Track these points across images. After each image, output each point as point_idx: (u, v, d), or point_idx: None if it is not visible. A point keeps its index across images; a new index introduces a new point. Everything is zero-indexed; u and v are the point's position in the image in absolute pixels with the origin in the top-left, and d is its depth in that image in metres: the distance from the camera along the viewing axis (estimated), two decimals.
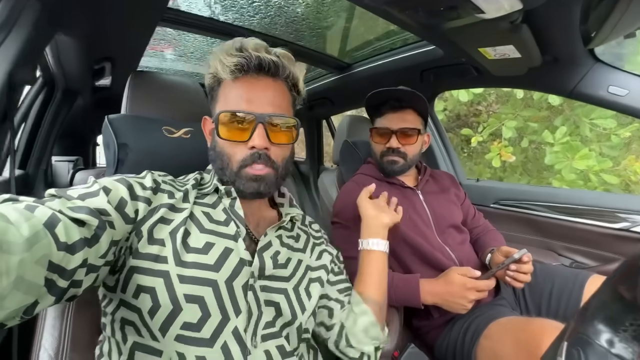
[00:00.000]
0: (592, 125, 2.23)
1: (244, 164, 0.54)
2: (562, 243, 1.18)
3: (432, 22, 0.74)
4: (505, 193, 1.34)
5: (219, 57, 0.53)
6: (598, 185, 2.23)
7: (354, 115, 1.45)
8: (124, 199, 0.46)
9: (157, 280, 0.46)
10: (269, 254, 0.57)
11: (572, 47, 0.86)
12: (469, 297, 0.78)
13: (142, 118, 0.74)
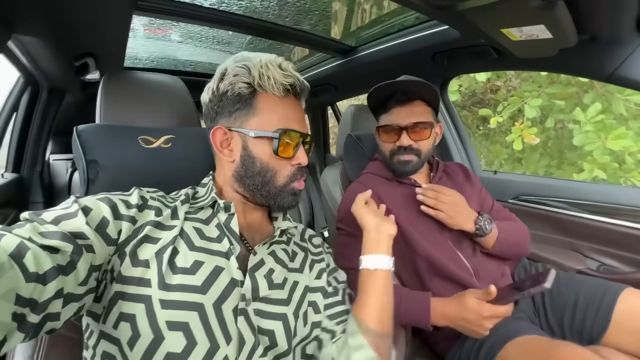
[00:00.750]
0: (626, 102, 2.02)
1: (292, 179, 0.57)
2: (589, 244, 1.07)
3: (449, 2, 0.61)
4: (526, 187, 1.22)
5: (267, 70, 0.53)
6: (633, 168, 2.04)
7: (359, 104, 1.33)
8: (106, 219, 0.44)
9: (138, 306, 0.43)
10: (262, 272, 0.53)
11: (615, 25, 0.72)
12: (486, 326, 0.68)
13: (115, 127, 0.66)
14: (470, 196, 0.96)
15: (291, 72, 0.55)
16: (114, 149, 0.63)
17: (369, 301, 0.58)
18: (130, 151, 0.64)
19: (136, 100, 0.74)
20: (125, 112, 0.72)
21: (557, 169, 2.74)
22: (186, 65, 1.55)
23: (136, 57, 1.40)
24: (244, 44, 1.37)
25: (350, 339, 0.56)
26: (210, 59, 1.53)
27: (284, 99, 0.56)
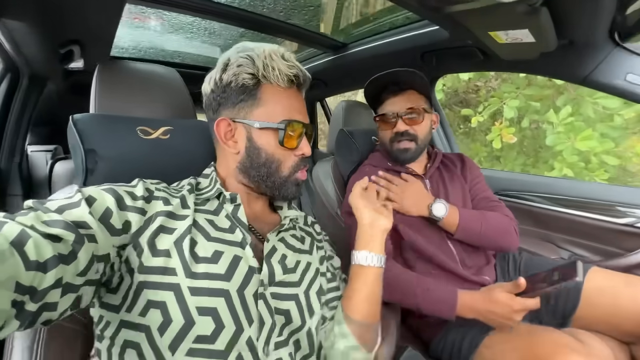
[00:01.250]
0: (594, 105, 2.16)
1: (296, 169, 0.58)
2: (562, 235, 1.16)
3: (441, 3, 0.64)
4: (507, 183, 1.30)
5: (272, 61, 0.54)
6: (597, 167, 2.19)
7: (350, 100, 1.36)
8: (110, 210, 0.44)
9: (167, 294, 0.44)
10: (276, 259, 0.55)
11: (591, 32, 0.78)
12: (516, 319, 0.70)
13: (112, 117, 0.65)
14: (458, 184, 1.01)
15: (294, 62, 0.56)
16: (112, 139, 0.62)
17: (356, 296, 0.59)
18: (129, 141, 0.64)
19: (131, 90, 0.73)
20: (121, 102, 0.71)
21: (532, 167, 2.89)
22: (174, 56, 1.52)
23: (122, 47, 1.35)
24: (234, 36, 1.36)
25: (336, 326, 0.59)
26: (199, 50, 1.51)
27: (287, 90, 0.57)
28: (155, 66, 0.79)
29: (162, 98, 0.76)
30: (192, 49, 1.49)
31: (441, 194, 0.97)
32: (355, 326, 0.58)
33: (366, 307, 0.59)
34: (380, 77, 0.95)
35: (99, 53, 1.09)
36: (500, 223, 0.91)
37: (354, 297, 0.59)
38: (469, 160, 1.08)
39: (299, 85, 0.59)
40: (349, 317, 0.58)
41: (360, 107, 1.37)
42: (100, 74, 0.70)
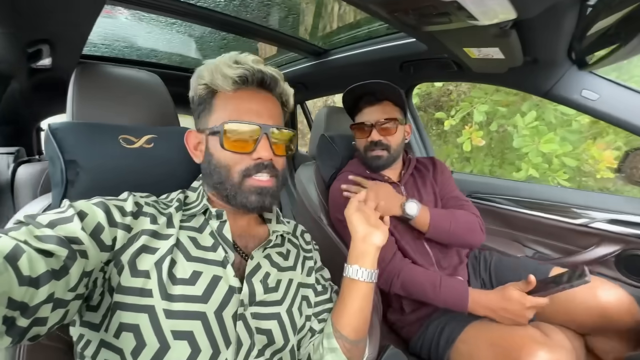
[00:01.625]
0: (555, 111, 2.34)
1: (247, 173, 0.53)
2: (527, 235, 1.26)
3: (420, 23, 0.68)
4: (478, 186, 1.38)
5: (217, 68, 0.53)
6: (558, 168, 2.38)
7: (332, 106, 1.39)
8: (101, 225, 0.43)
9: (141, 316, 0.43)
10: (258, 277, 0.54)
11: (553, 52, 0.85)
12: (527, 316, 0.75)
13: (93, 126, 0.63)
14: (430, 186, 1.07)
15: (248, 64, 0.53)
16: (94, 149, 0.60)
17: (347, 310, 0.60)
18: (111, 151, 0.62)
19: (112, 96, 0.70)
20: (100, 109, 0.68)
21: (499, 168, 3.07)
22: (150, 55, 1.47)
23: (94, 45, 1.29)
24: (216, 39, 1.34)
25: (325, 340, 0.60)
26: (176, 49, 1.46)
27: (238, 92, 0.54)
28: (137, 71, 0.77)
29: (144, 104, 0.75)
30: (169, 48, 1.45)
31: (414, 195, 1.03)
32: (345, 342, 0.58)
33: (355, 322, 0.59)
34: (356, 87, 1.00)
35: (70, 53, 1.04)
36: (467, 221, 0.97)
37: (344, 312, 0.60)
38: (439, 163, 1.14)
39: (259, 85, 0.55)
40: (338, 332, 0.59)
41: (342, 113, 1.39)
42: (78, 78, 0.67)
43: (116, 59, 1.38)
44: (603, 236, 1.07)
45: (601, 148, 2.31)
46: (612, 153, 2.25)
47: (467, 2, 0.51)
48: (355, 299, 0.60)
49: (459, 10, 0.55)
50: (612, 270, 1.08)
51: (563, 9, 0.61)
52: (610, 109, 0.93)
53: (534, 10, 0.54)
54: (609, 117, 0.94)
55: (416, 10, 0.59)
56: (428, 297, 0.86)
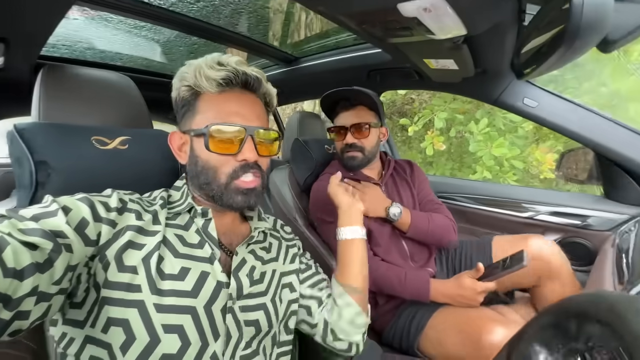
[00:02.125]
0: (504, 119, 2.59)
1: (234, 176, 0.54)
2: (483, 229, 1.38)
3: (385, 35, 0.75)
4: (441, 186, 1.50)
5: (201, 70, 0.53)
6: (508, 170, 2.62)
7: (304, 111, 1.43)
8: (86, 220, 0.43)
9: (130, 311, 0.43)
10: (244, 272, 0.56)
11: (499, 64, 0.97)
12: (479, 300, 0.85)
13: (64, 127, 0.62)
14: (407, 187, 1.16)
15: (231, 65, 0.54)
16: (66, 150, 0.59)
17: (351, 266, 0.67)
18: (84, 152, 0.61)
19: (82, 98, 0.69)
20: (69, 111, 0.67)
21: (458, 171, 3.31)
22: (115, 58, 1.42)
23: (53, 45, 1.22)
24: (187, 44, 1.33)
25: (338, 299, 0.65)
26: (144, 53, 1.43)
27: (222, 94, 0.54)
28: (107, 73, 0.76)
29: (115, 107, 0.73)
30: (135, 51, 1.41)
31: (395, 197, 1.10)
32: (356, 293, 0.65)
33: (361, 275, 0.67)
34: (332, 93, 1.06)
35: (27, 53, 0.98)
36: (443, 223, 1.07)
37: (350, 269, 0.67)
38: (416, 167, 1.23)
39: (244, 86, 0.56)
40: (350, 286, 0.65)
41: (314, 118, 1.45)
42: (45, 79, 0.65)
43: (77, 61, 1.32)
44: (546, 227, 1.21)
45: (543, 152, 2.58)
46: (552, 156, 2.53)
47: (425, 18, 0.58)
48: (357, 252, 0.68)
49: (418, 25, 0.62)
50: None
51: (504, 28, 0.71)
52: (547, 115, 1.08)
53: (480, 28, 0.63)
54: (547, 122, 1.08)
55: (382, 24, 0.66)
56: (396, 290, 0.94)
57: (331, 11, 0.69)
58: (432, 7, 0.53)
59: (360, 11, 0.63)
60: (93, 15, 1.03)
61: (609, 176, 1.10)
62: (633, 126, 1.01)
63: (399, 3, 0.54)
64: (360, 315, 0.64)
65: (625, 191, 1.08)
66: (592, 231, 1.13)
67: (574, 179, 1.25)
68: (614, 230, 1.07)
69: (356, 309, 0.64)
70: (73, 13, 1.04)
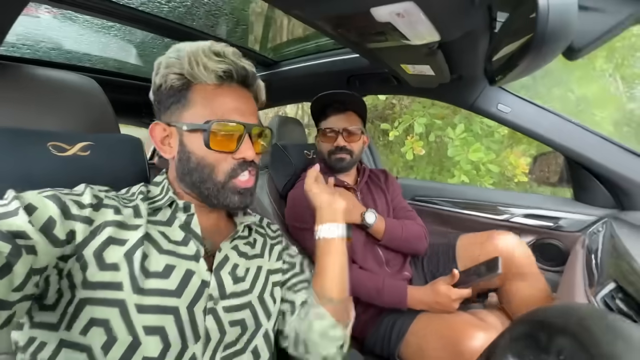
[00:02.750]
0: (481, 124, 2.67)
1: (233, 174, 0.52)
2: (461, 232, 1.40)
3: (361, 40, 0.75)
4: (420, 190, 1.51)
5: (198, 58, 0.50)
6: (485, 174, 2.69)
7: (284, 116, 1.42)
8: (53, 219, 0.40)
9: (111, 310, 0.41)
10: (227, 270, 0.54)
11: (473, 71, 0.99)
12: (454, 307, 0.86)
13: (16, 132, 0.57)
14: (382, 195, 1.16)
15: (230, 58, 0.52)
16: (16, 157, 0.54)
17: (328, 272, 0.61)
18: (38, 159, 0.56)
19: (37, 101, 0.64)
20: (23, 115, 0.61)
21: (438, 175, 3.38)
22: (83, 59, 1.35)
23: (12, 44, 1.15)
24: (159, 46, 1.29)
25: (311, 309, 0.59)
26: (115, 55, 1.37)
27: (220, 88, 0.52)
28: (67, 74, 0.71)
29: (77, 110, 0.69)
30: (105, 52, 1.35)
31: (370, 203, 1.10)
32: (331, 304, 0.59)
33: (337, 281, 0.60)
34: (330, 94, 1.07)
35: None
36: (415, 230, 1.09)
37: (326, 274, 0.61)
38: (390, 175, 1.25)
39: (240, 82, 0.54)
40: (324, 297, 0.59)
41: (293, 123, 1.43)
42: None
43: (40, 62, 1.24)
44: (521, 229, 1.25)
45: (517, 155, 2.68)
46: (525, 160, 2.63)
47: (399, 23, 0.58)
48: (334, 257, 0.62)
49: (393, 31, 0.62)
50: None
51: (477, 35, 0.72)
52: (520, 120, 1.11)
53: (453, 34, 0.63)
54: (519, 127, 1.11)
55: (357, 28, 0.65)
56: (373, 299, 0.94)
57: (306, 15, 0.68)
58: (404, 13, 0.53)
59: (335, 15, 0.62)
60: (56, 14, 0.97)
61: (578, 179, 1.15)
62: (599, 131, 1.05)
63: (372, 8, 0.53)
64: (334, 328, 0.58)
65: (593, 193, 1.12)
66: (564, 232, 1.16)
67: (546, 182, 1.30)
68: (584, 231, 1.11)
69: (329, 322, 0.58)
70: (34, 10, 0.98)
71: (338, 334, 0.59)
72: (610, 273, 0.69)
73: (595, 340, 0.19)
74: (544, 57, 0.43)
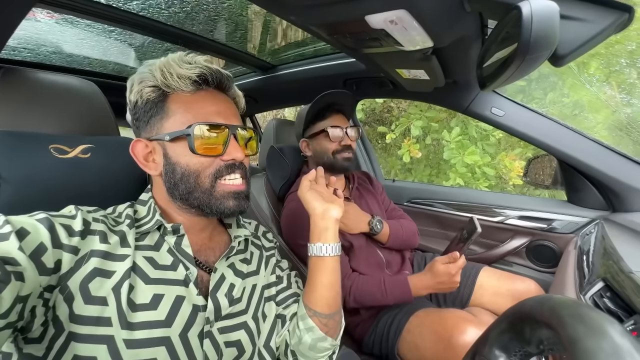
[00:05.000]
0: (477, 127, 2.70)
1: (218, 175, 0.51)
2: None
3: (357, 46, 0.77)
4: (416, 192, 1.53)
5: (170, 67, 0.49)
6: (480, 177, 2.72)
7: (281, 118, 1.43)
8: (44, 245, 0.39)
9: (98, 348, 0.40)
10: (222, 291, 0.53)
11: (467, 75, 1.01)
12: (457, 280, 0.86)
13: (18, 134, 0.58)
14: (373, 198, 1.17)
15: (200, 63, 0.51)
16: (19, 159, 0.56)
17: (317, 288, 0.59)
18: (40, 161, 0.58)
19: (40, 105, 0.65)
20: (26, 118, 0.63)
21: (436, 177, 3.40)
22: (84, 63, 1.37)
23: (13, 48, 1.16)
24: (158, 50, 1.30)
25: (300, 322, 0.59)
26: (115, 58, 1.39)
27: (197, 94, 0.51)
28: (69, 78, 0.72)
29: (78, 113, 0.70)
30: (105, 56, 1.37)
31: (365, 208, 1.11)
32: (320, 318, 0.58)
33: (327, 297, 0.59)
34: (332, 93, 1.04)
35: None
36: (410, 227, 1.13)
37: (316, 290, 0.59)
38: (373, 178, 1.28)
39: (216, 86, 0.54)
40: (313, 310, 0.58)
41: (290, 125, 1.45)
42: (0, 84, 0.62)
43: (41, 65, 1.26)
44: (516, 230, 1.26)
45: (512, 159, 2.70)
46: (520, 163, 2.65)
47: (392, 30, 0.60)
48: (325, 274, 0.60)
49: (387, 37, 0.64)
50: (524, 259, 1.27)
51: (469, 41, 0.74)
52: (514, 123, 1.13)
53: (445, 41, 0.65)
54: (513, 130, 1.14)
55: (352, 35, 0.67)
56: (379, 300, 0.93)
57: (303, 21, 0.69)
58: (398, 20, 0.55)
59: (331, 22, 0.64)
60: (58, 19, 0.99)
61: (571, 182, 1.17)
62: (592, 135, 1.08)
63: (367, 15, 0.55)
64: (323, 341, 0.59)
65: (586, 196, 1.14)
66: (557, 234, 1.18)
67: (540, 184, 1.32)
68: (577, 232, 1.13)
69: (318, 335, 0.58)
70: (36, 15, 1.00)
71: (327, 345, 0.59)
72: (600, 273, 0.71)
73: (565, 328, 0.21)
74: (529, 64, 0.45)
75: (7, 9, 0.71)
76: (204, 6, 0.93)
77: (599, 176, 1.05)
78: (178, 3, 0.90)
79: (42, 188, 0.56)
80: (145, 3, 0.89)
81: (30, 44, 1.14)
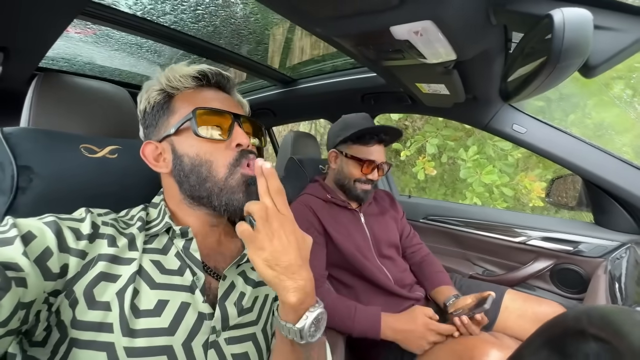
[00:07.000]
0: (494, 146, 2.66)
1: (236, 165, 0.49)
2: (476, 254, 1.37)
3: (379, 58, 0.78)
4: (433, 209, 1.50)
5: (172, 71, 0.52)
6: (498, 197, 2.65)
7: (298, 131, 1.45)
8: (49, 250, 0.38)
9: (98, 355, 0.38)
10: (232, 300, 0.50)
11: (488, 91, 1.01)
12: (429, 339, 0.81)
13: (52, 133, 0.61)
14: (392, 219, 1.15)
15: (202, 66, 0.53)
16: (52, 156, 0.58)
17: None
18: (71, 160, 0.60)
19: (74, 107, 0.69)
20: (61, 118, 0.66)
21: (451, 196, 3.34)
22: (114, 75, 1.44)
23: (52, 58, 1.24)
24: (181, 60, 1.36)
25: None
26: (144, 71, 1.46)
27: (200, 90, 0.53)
28: (102, 84, 0.76)
29: (108, 117, 0.74)
30: (135, 68, 1.44)
31: (375, 225, 1.09)
32: None
33: None
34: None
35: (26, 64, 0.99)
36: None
37: None
38: (396, 201, 1.26)
39: (217, 85, 0.56)
40: None
41: (307, 138, 1.47)
42: (40, 86, 0.65)
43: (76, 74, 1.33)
44: (539, 252, 1.21)
45: (532, 180, 2.63)
46: (540, 184, 2.58)
47: (416, 41, 0.60)
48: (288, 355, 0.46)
49: (410, 49, 0.65)
50: (547, 283, 1.21)
51: (493, 55, 0.74)
52: (536, 141, 1.10)
53: (469, 54, 0.66)
54: (535, 148, 1.11)
55: (376, 46, 0.68)
56: (347, 327, 0.87)
57: (327, 33, 0.71)
58: (423, 31, 0.55)
59: (355, 33, 0.65)
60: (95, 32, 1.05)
61: (598, 203, 1.12)
62: (620, 155, 1.04)
63: (392, 26, 0.56)
64: None
65: (615, 218, 1.09)
66: (584, 257, 1.12)
67: (564, 206, 1.27)
68: (606, 256, 1.07)
69: None
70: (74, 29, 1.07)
71: None
72: (636, 299, 0.66)
73: (625, 339, 0.19)
74: (559, 73, 0.44)
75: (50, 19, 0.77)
76: (232, 20, 0.97)
77: (628, 197, 1.01)
78: (208, 17, 0.95)
79: (69, 184, 0.58)
80: (177, 17, 0.93)
81: (67, 54, 1.21)
